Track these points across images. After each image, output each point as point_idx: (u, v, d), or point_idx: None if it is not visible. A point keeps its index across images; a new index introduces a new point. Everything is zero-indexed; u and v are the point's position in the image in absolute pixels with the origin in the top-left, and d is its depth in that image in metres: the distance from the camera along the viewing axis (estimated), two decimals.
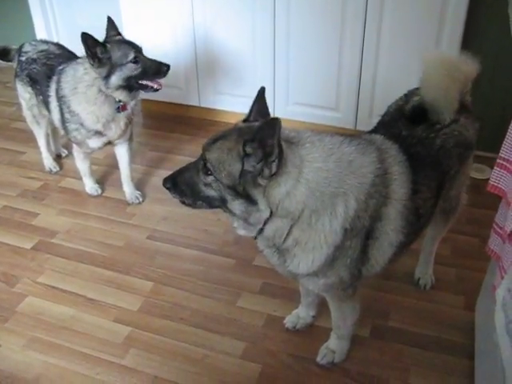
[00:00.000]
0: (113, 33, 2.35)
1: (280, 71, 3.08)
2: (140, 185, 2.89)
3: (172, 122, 3.49)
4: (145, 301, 2.16)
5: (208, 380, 1.84)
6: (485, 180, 2.51)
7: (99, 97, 2.33)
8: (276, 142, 1.23)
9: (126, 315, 2.10)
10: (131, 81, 2.31)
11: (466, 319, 2.01)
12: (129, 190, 2.77)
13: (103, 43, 2.25)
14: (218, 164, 1.30)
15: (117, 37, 2.35)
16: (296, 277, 1.57)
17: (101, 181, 2.91)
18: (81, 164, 2.73)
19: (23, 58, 2.65)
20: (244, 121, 1.44)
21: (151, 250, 2.44)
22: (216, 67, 3.24)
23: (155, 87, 2.38)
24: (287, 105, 3.17)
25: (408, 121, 1.66)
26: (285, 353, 1.93)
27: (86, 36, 2.18)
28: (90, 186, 2.81)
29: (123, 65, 2.27)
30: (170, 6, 3.12)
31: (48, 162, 3.01)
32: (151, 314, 2.10)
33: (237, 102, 3.17)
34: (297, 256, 1.44)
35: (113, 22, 2.36)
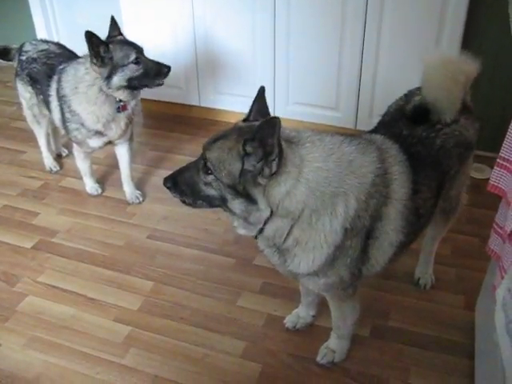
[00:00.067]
0: (115, 33, 2.35)
1: (280, 71, 3.08)
2: (140, 184, 2.89)
3: (172, 122, 3.49)
4: (145, 300, 2.16)
5: (208, 379, 1.84)
6: (485, 180, 2.51)
7: (100, 96, 2.33)
8: (276, 141, 1.23)
9: (127, 315, 2.10)
10: (133, 81, 2.31)
11: (466, 319, 2.01)
12: (129, 190, 2.77)
13: (106, 42, 2.25)
14: (219, 163, 1.31)
15: (118, 37, 2.35)
16: (296, 276, 1.57)
17: (101, 180, 2.91)
18: (81, 163, 2.73)
19: (24, 58, 2.65)
20: (244, 120, 1.44)
21: (151, 250, 2.44)
22: (216, 67, 3.24)
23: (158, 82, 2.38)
24: (287, 104, 3.17)
25: (409, 121, 1.66)
26: (285, 352, 1.93)
27: (91, 34, 2.17)
28: (91, 186, 2.81)
29: (125, 66, 2.26)
30: (170, 6, 3.12)
31: (48, 162, 3.01)
32: (151, 314, 2.10)
33: (237, 102, 3.17)
34: (297, 256, 1.44)
35: (115, 22, 2.36)
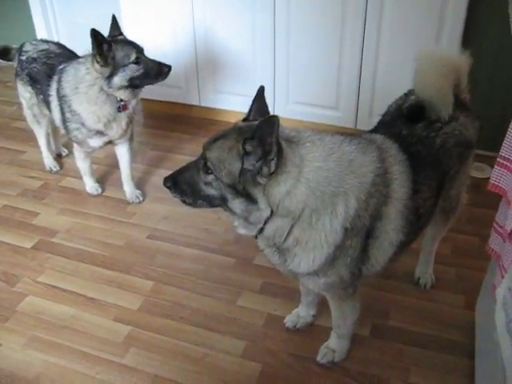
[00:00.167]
0: (116, 32, 2.34)
1: (280, 70, 3.08)
2: (140, 184, 2.89)
3: (172, 122, 3.49)
4: (145, 300, 2.16)
5: (208, 379, 1.84)
6: (485, 179, 2.50)
7: (100, 96, 2.33)
8: (275, 140, 1.23)
9: (127, 314, 2.10)
10: (134, 81, 2.31)
11: (466, 318, 2.01)
12: (129, 190, 2.77)
13: (110, 41, 2.24)
14: (219, 163, 1.31)
15: (119, 37, 2.34)
16: (296, 276, 1.57)
17: (101, 180, 2.91)
18: (81, 163, 2.73)
19: (24, 58, 2.65)
20: (244, 120, 1.44)
21: (151, 249, 2.44)
22: (216, 66, 3.24)
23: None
24: (287, 104, 3.17)
25: (406, 119, 1.65)
26: (285, 352, 1.93)
27: (96, 32, 2.16)
28: (91, 186, 2.81)
29: (125, 65, 2.26)
30: (170, 6, 3.12)
31: (48, 162, 3.01)
32: (151, 313, 2.10)
33: (237, 101, 3.17)
34: (297, 255, 1.44)
35: (117, 21, 2.36)
